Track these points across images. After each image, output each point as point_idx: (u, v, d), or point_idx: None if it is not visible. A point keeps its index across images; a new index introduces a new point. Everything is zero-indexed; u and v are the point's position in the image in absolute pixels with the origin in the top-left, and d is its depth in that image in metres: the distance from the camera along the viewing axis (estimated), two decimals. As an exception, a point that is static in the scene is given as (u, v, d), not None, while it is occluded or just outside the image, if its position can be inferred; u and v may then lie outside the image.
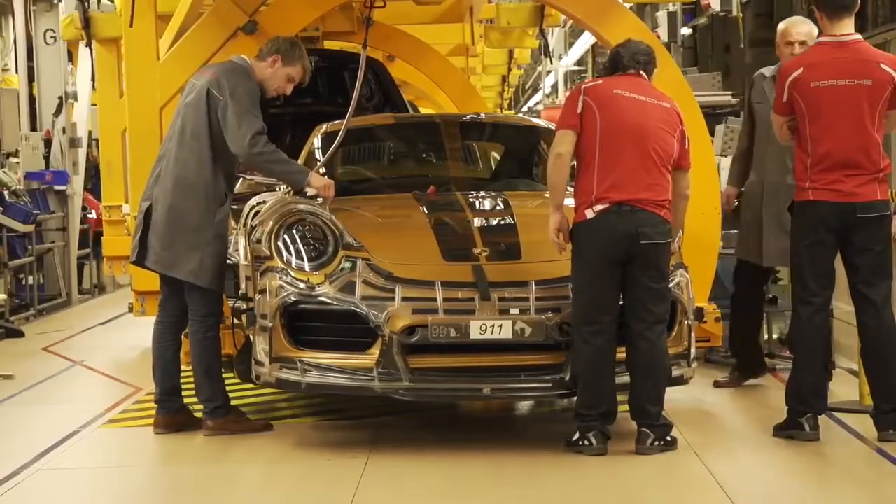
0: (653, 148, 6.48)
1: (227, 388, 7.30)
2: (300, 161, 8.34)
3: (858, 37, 6.77)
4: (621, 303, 6.53)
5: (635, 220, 6.43)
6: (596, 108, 6.48)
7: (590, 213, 6.45)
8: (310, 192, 7.16)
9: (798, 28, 7.78)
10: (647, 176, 6.45)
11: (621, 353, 6.54)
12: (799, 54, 7.40)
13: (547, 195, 7.99)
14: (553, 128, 9.07)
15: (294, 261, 6.85)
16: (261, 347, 6.80)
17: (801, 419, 6.71)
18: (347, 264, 6.79)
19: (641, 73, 6.66)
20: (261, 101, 7.15)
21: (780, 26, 7.97)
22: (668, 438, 6.55)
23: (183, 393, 7.33)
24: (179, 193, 7.06)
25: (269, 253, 6.92)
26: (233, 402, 7.34)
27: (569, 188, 6.70)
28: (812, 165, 6.66)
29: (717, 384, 8.23)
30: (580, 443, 6.46)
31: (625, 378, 6.57)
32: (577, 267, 6.51)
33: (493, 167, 9.12)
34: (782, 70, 6.89)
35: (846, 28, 6.71)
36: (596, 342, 6.42)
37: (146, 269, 7.28)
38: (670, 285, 6.65)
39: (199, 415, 7.24)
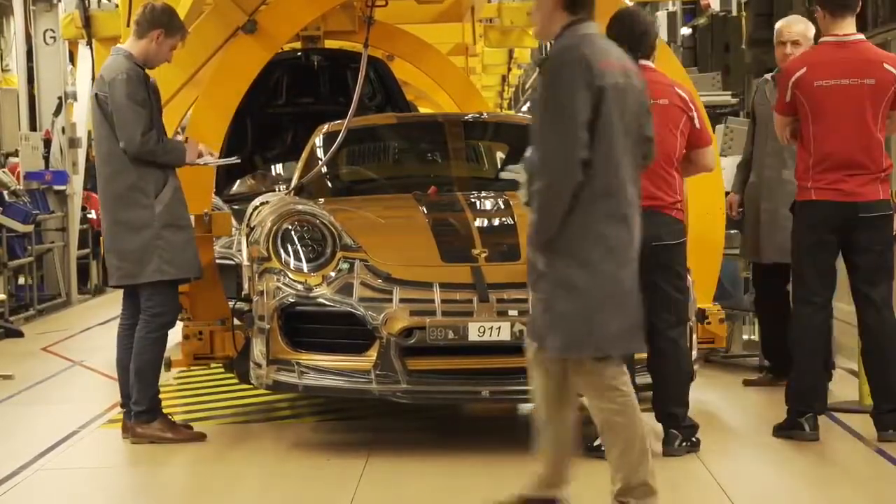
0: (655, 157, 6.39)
1: (228, 389, 7.28)
2: (302, 162, 8.33)
3: (861, 36, 6.76)
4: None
5: (645, 224, 6.35)
6: None
7: None
8: (199, 160, 7.11)
9: (791, 28, 7.80)
10: (651, 185, 6.34)
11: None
12: (791, 54, 7.52)
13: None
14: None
15: (292, 262, 6.82)
16: (258, 349, 6.77)
17: (800, 419, 6.70)
18: (345, 265, 6.76)
19: (640, 63, 6.36)
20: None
21: (776, 26, 7.99)
22: (694, 439, 6.51)
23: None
24: (114, 206, 6.94)
25: (266, 254, 6.89)
26: (235, 403, 7.31)
27: None
28: (814, 165, 6.65)
29: (746, 383, 8.22)
30: (603, 448, 6.38)
31: (645, 378, 6.54)
32: None
33: (497, 167, 9.08)
34: (785, 70, 6.88)
35: (848, 28, 6.70)
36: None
37: (116, 288, 7.15)
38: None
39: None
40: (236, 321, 7.56)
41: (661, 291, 6.41)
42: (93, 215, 15.51)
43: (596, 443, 6.39)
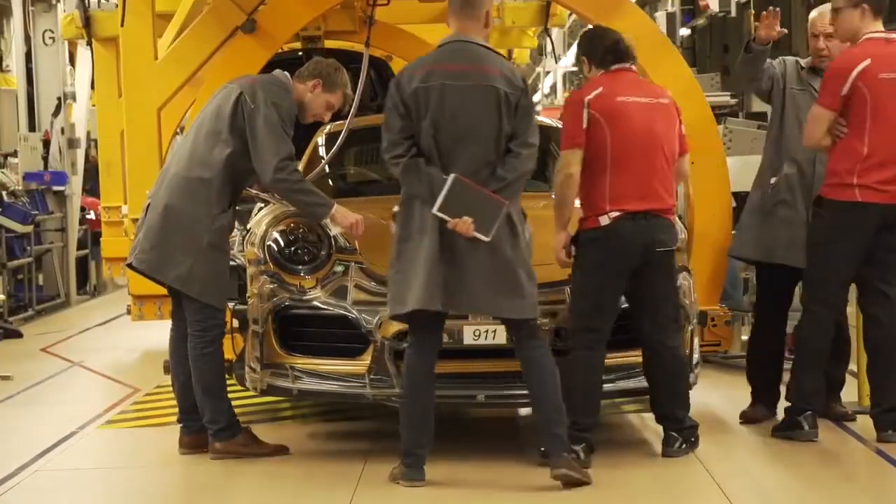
0: (662, 153, 6.36)
1: (228, 390, 7.24)
2: (302, 163, 8.30)
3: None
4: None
5: (650, 228, 6.32)
6: (604, 121, 6.27)
7: (604, 220, 6.28)
8: (334, 230, 6.76)
9: (825, 19, 7.10)
10: (659, 183, 6.33)
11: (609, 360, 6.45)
12: (824, 48, 7.07)
13: (552, 196, 7.95)
14: (560, 126, 9.06)
15: (287, 265, 6.78)
16: (253, 353, 6.72)
17: (799, 417, 6.69)
18: (340, 268, 6.72)
19: (632, 66, 6.48)
20: None
21: (810, 16, 7.34)
22: (693, 439, 6.51)
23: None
24: (180, 192, 6.56)
25: (261, 256, 6.82)
26: (236, 404, 7.26)
27: None
28: (865, 159, 6.47)
29: (743, 421, 7.56)
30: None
31: (642, 383, 6.53)
32: (584, 274, 6.35)
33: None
34: (841, 62, 6.60)
35: (880, 27, 6.64)
36: (597, 349, 6.34)
37: (135, 271, 6.79)
38: None
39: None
40: (237, 323, 7.52)
41: (663, 297, 6.40)
42: (91, 216, 15.51)
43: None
